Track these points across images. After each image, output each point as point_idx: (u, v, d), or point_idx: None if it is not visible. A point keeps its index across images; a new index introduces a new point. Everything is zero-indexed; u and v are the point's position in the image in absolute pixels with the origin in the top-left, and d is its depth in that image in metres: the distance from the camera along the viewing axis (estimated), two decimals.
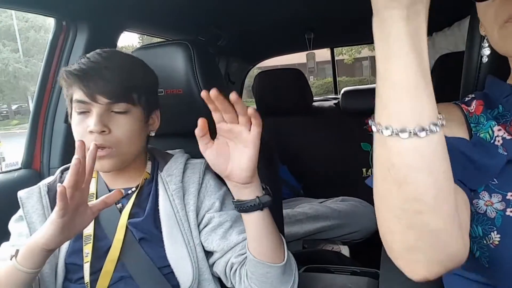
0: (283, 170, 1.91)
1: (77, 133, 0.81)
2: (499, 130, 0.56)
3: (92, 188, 0.87)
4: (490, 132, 0.57)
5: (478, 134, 0.58)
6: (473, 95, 0.64)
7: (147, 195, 0.87)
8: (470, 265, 0.59)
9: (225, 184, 0.89)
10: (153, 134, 0.91)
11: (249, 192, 0.73)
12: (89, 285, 0.80)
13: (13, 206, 0.85)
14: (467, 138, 0.58)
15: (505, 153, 0.54)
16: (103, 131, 0.78)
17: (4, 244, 0.85)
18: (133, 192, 0.87)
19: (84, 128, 0.79)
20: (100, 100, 0.78)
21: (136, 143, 0.85)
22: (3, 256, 0.78)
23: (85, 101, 0.78)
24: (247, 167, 0.69)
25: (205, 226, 0.85)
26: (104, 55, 0.82)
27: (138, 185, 0.88)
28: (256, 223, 0.74)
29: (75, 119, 0.81)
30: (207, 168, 0.91)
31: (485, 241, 0.54)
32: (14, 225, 0.86)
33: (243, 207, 0.73)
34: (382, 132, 0.39)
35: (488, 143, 0.56)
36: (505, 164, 0.54)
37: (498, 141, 0.56)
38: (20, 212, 0.85)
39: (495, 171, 0.54)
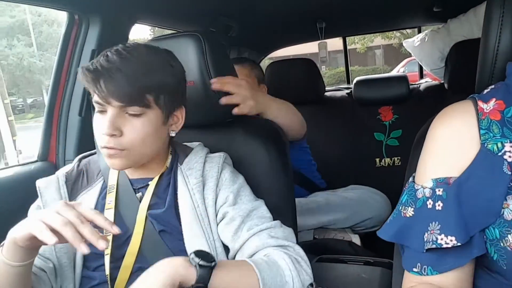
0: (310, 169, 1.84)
1: (96, 131, 0.81)
2: None
3: (113, 180, 0.87)
4: (500, 145, 0.55)
5: (486, 144, 0.56)
6: (493, 87, 0.62)
7: (166, 186, 0.88)
8: (491, 267, 0.58)
9: (240, 177, 0.90)
10: (173, 134, 0.88)
11: None
12: (109, 277, 0.81)
13: (30, 197, 0.87)
14: (474, 152, 0.56)
15: (509, 172, 0.53)
16: (114, 134, 0.77)
17: None
18: (148, 184, 0.87)
19: (99, 127, 0.79)
20: (113, 103, 0.77)
21: (151, 145, 0.82)
22: None
23: (100, 102, 0.78)
24: None
25: (220, 221, 0.86)
26: (123, 54, 0.77)
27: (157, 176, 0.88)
28: None
29: (95, 117, 0.81)
30: (225, 161, 0.91)
31: (502, 244, 0.53)
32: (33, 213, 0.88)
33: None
34: None
35: (494, 156, 0.54)
36: None
37: (510, 156, 0.54)
38: (38, 201, 0.86)
39: (500, 198, 0.53)
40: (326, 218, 1.48)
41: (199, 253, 0.67)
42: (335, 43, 3.15)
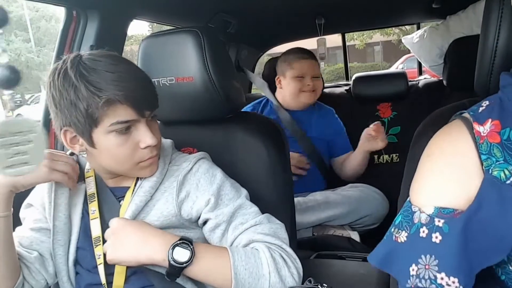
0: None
1: (123, 153, 0.77)
2: None
3: (92, 188, 0.86)
4: (507, 172, 0.49)
5: (490, 171, 0.50)
6: (487, 103, 0.56)
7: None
8: (498, 283, 0.56)
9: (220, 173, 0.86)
10: None
11: None
12: (106, 286, 0.81)
13: (29, 192, 0.88)
14: (479, 181, 0.51)
15: None
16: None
17: (18, 228, 0.88)
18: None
19: (133, 145, 0.77)
20: (146, 114, 0.77)
21: None
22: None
23: (132, 119, 0.75)
24: None
25: (203, 225, 0.84)
26: (124, 63, 0.76)
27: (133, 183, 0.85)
28: None
29: (116, 141, 0.75)
30: (198, 161, 0.87)
31: (510, 267, 0.51)
32: (24, 211, 0.89)
33: None
34: None
35: (503, 185, 0.49)
36: None
37: None
38: (28, 199, 0.88)
39: (511, 233, 0.47)
40: (325, 215, 1.49)
41: (179, 246, 0.71)
42: (334, 40, 3.14)
